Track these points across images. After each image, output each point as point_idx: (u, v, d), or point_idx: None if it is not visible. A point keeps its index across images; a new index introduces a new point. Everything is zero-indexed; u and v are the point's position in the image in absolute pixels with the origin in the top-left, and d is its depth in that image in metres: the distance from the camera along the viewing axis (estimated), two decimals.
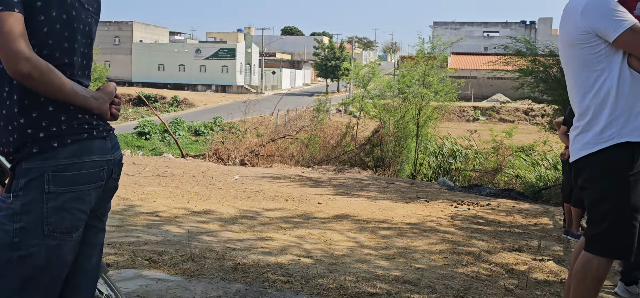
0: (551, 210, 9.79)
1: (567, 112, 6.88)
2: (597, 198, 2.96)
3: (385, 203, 9.22)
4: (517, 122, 47.55)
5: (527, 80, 14.56)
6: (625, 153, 2.88)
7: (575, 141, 3.04)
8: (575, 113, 3.08)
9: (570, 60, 2.98)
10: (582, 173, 3.02)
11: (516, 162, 17.98)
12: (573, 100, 3.05)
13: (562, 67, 3.14)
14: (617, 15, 2.78)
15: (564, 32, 3.00)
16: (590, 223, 3.01)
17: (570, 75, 3.02)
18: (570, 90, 3.05)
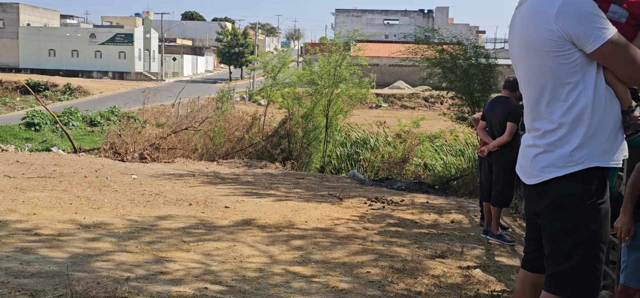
0: (464, 205, 9.63)
1: (507, 111, 6.57)
2: (562, 229, 2.50)
3: (297, 203, 8.66)
4: (418, 108, 48.70)
5: (435, 70, 14.47)
6: (596, 178, 2.45)
7: (536, 160, 2.55)
8: (534, 127, 2.59)
9: (536, 69, 2.49)
10: (543, 199, 2.54)
11: (423, 151, 18.01)
12: (535, 114, 2.57)
13: (518, 73, 2.65)
14: (599, 22, 2.32)
15: (528, 35, 2.49)
16: (553, 259, 2.56)
17: (535, 85, 2.52)
18: (534, 102, 2.56)
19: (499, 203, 6.85)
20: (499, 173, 6.73)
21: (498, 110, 6.66)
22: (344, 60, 16.84)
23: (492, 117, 6.73)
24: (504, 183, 6.74)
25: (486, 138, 6.85)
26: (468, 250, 6.14)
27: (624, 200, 3.64)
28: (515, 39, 2.54)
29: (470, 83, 13.98)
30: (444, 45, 14.77)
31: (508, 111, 6.59)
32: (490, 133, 6.79)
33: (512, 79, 6.73)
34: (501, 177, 6.73)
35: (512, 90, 6.71)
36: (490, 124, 6.78)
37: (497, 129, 6.68)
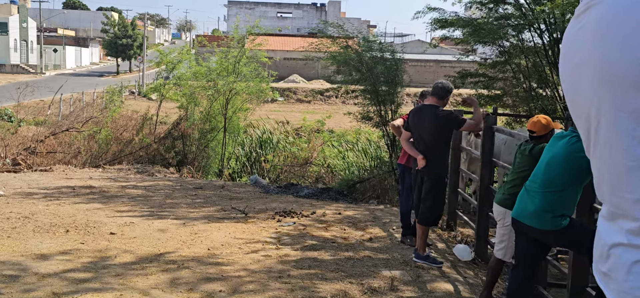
0: (377, 215, 8.96)
1: (440, 122, 5.88)
2: None
3: (197, 224, 7.58)
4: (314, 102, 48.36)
5: (340, 68, 13.76)
6: None
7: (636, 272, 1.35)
8: (626, 212, 1.29)
9: (630, 113, 1.24)
10: None
11: (327, 151, 17.32)
12: (627, 188, 1.34)
13: (581, 115, 1.41)
14: None
15: (612, 59, 1.32)
16: None
17: (625, 140, 1.32)
18: (625, 167, 1.32)
19: (427, 222, 6.18)
20: (429, 189, 6.05)
21: (427, 121, 5.96)
22: (243, 56, 15.74)
23: (420, 128, 6.02)
24: (433, 200, 6.08)
25: (412, 151, 6.12)
26: (401, 282, 5.39)
27: None
28: (582, 64, 1.36)
29: (376, 81, 13.39)
30: (347, 38, 14.11)
31: (441, 121, 5.92)
32: (417, 145, 6.07)
33: (440, 85, 6.06)
34: (431, 193, 6.05)
35: (441, 97, 6.04)
36: (418, 135, 6.06)
37: (426, 141, 5.97)
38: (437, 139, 5.99)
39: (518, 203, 4.17)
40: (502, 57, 14.09)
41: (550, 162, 3.92)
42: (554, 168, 3.87)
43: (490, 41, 14.07)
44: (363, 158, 17.01)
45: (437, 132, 5.97)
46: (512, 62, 13.94)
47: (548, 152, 4.00)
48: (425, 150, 5.93)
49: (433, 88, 6.09)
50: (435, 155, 5.97)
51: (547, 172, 3.92)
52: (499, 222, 5.14)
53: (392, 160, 13.24)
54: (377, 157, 16.07)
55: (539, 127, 4.92)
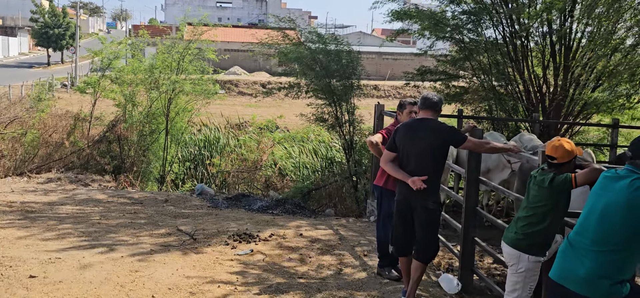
0: (343, 236, 8.00)
1: (444, 137, 4.96)
2: None
3: (137, 257, 6.42)
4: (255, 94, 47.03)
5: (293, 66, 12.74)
6: None
7: None
8: None
9: None
10: None
11: (277, 152, 16.24)
12: None
13: None
14: None
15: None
16: None
17: None
18: None
19: (428, 260, 5.30)
20: (429, 221, 5.12)
21: (427, 138, 5.00)
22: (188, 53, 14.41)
23: (415, 146, 5.04)
24: (434, 232, 5.19)
25: (398, 174, 5.14)
26: None
27: None
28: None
29: (331, 81, 12.43)
30: (292, 30, 13.09)
31: (446, 138, 5.01)
32: (406, 166, 5.09)
33: (436, 98, 5.14)
34: (432, 226, 5.15)
35: (437, 110, 5.12)
36: (411, 154, 5.07)
37: (424, 161, 5.00)
38: (439, 158, 5.07)
39: (561, 262, 3.25)
40: (461, 54, 13.40)
41: (606, 211, 3.01)
42: (613, 220, 2.98)
43: (450, 36, 13.36)
44: (314, 158, 16.06)
45: (440, 151, 5.05)
46: (473, 59, 13.26)
47: (601, 198, 3.10)
48: (420, 172, 4.97)
49: (425, 100, 5.15)
50: (435, 179, 5.04)
51: (601, 224, 3.02)
52: (511, 267, 4.27)
53: (349, 165, 12.33)
54: (329, 158, 15.14)
55: (562, 153, 4.06)
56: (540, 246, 4.17)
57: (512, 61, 13.12)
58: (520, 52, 13.07)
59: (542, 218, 4.10)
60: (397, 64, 55.46)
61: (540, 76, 13.08)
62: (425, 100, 5.16)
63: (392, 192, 6.00)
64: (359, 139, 12.59)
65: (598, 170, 3.97)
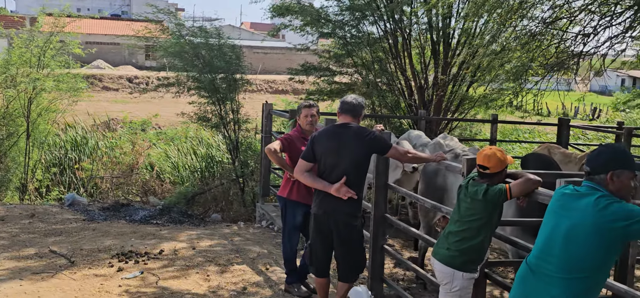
0: (238, 245, 7.48)
1: (368, 143, 4.56)
2: None
3: (3, 291, 5.48)
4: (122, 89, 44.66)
5: (175, 62, 11.91)
6: None
7: None
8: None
9: None
10: None
11: (154, 154, 15.21)
12: None
13: None
14: None
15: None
16: None
17: None
18: None
19: (355, 278, 4.93)
20: (354, 237, 4.74)
21: (350, 145, 4.58)
22: (50, 45, 13.00)
23: (335, 155, 4.62)
24: (360, 248, 4.83)
25: (319, 184, 4.69)
26: None
27: None
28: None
29: (214, 78, 11.78)
30: (158, 23, 12.28)
31: (372, 145, 4.63)
32: (328, 177, 4.66)
33: (356, 101, 4.75)
34: (358, 241, 4.78)
35: (357, 115, 4.75)
36: (332, 163, 4.64)
37: (345, 172, 4.59)
38: (363, 168, 4.69)
39: (520, 290, 2.97)
40: (343, 50, 13.28)
41: (572, 234, 2.76)
42: (580, 243, 2.73)
43: (332, 32, 13.19)
44: (194, 158, 15.26)
45: (365, 160, 4.68)
46: (355, 55, 13.19)
47: (563, 218, 2.84)
48: (348, 183, 4.56)
49: (344, 104, 4.76)
50: (359, 192, 4.66)
51: (568, 248, 2.77)
52: (445, 286, 4.00)
53: (235, 167, 11.75)
54: (209, 156, 14.43)
55: (495, 163, 3.84)
56: (474, 262, 3.94)
57: (393, 57, 13.21)
58: (402, 49, 13.19)
59: (476, 232, 3.87)
60: (268, 58, 55.22)
61: (420, 72, 13.29)
62: (344, 104, 4.78)
63: (298, 203, 5.59)
64: (244, 139, 12.06)
65: (534, 180, 3.80)
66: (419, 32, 13.13)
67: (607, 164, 2.81)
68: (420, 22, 13.06)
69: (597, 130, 16.90)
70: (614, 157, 2.82)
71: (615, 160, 2.81)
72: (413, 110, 13.11)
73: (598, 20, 8.39)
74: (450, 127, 13.60)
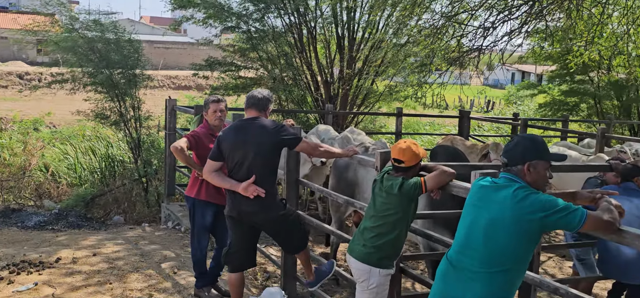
0: (142, 248, 7.13)
1: (279, 138, 4.39)
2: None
3: None
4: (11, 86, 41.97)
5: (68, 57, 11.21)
6: None
7: None
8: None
9: None
10: None
11: (49, 154, 14.28)
12: None
13: None
14: None
15: None
16: None
17: None
18: None
19: (303, 247, 4.84)
20: (289, 223, 4.63)
21: (259, 140, 4.40)
22: None
23: (244, 152, 4.42)
24: (295, 228, 4.75)
25: (227, 184, 4.48)
26: None
27: None
28: None
29: (112, 73, 11.20)
30: (52, 16, 11.56)
31: (280, 139, 4.47)
32: (237, 175, 4.46)
33: (261, 95, 4.58)
34: (292, 223, 4.69)
35: (263, 109, 4.58)
36: (240, 161, 4.44)
37: (255, 169, 4.41)
38: (274, 163, 4.52)
39: (442, 286, 2.91)
40: (248, 44, 13.05)
41: (492, 227, 2.74)
42: (500, 236, 2.71)
43: (236, 25, 12.92)
44: (92, 158, 14.47)
45: (275, 154, 4.51)
46: (260, 49, 12.99)
47: (482, 211, 2.81)
48: (256, 179, 4.39)
49: (251, 99, 4.57)
50: (271, 187, 4.50)
51: (488, 242, 2.74)
52: (361, 284, 3.93)
53: (138, 166, 11.24)
54: (109, 156, 13.74)
55: (410, 156, 3.81)
56: (390, 258, 3.89)
57: (299, 52, 13.14)
58: (308, 42, 13.14)
59: (392, 227, 3.82)
60: (169, 53, 53.69)
61: (326, 66, 13.30)
62: (250, 99, 4.60)
63: (207, 203, 5.37)
64: (147, 136, 11.56)
65: (448, 173, 3.80)
66: (323, 26, 13.13)
67: (524, 155, 2.82)
68: (324, 16, 13.06)
69: (495, 122, 17.67)
70: (531, 148, 2.83)
71: (532, 150, 2.82)
72: (320, 105, 13.10)
73: (497, 15, 8.68)
74: (356, 120, 13.71)
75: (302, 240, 4.77)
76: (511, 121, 13.73)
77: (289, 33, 13.05)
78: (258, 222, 4.54)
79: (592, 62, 12.88)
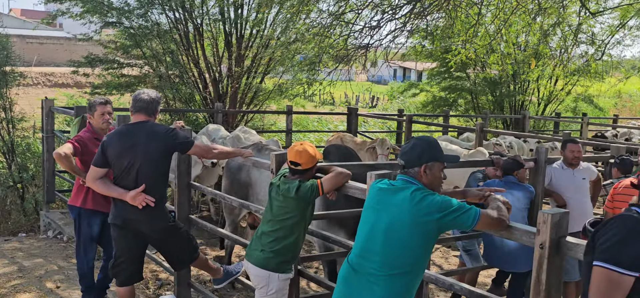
0: (20, 262, 6.64)
1: (173, 143, 4.27)
2: None
3: None
4: None
5: None
6: None
7: None
8: None
9: None
10: None
11: None
12: None
13: None
14: None
15: None
16: None
17: None
18: None
19: (195, 256, 4.69)
20: (174, 234, 4.45)
21: (148, 146, 4.18)
22: None
23: (131, 158, 4.20)
24: (183, 238, 4.58)
25: (114, 192, 4.25)
26: None
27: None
28: None
29: None
30: None
31: (171, 144, 4.28)
32: (123, 182, 4.24)
33: (148, 97, 4.37)
34: (177, 234, 4.51)
35: (152, 113, 4.37)
36: (126, 169, 4.23)
37: (143, 176, 4.21)
38: (164, 170, 4.33)
39: (343, 290, 2.89)
40: (131, 40, 12.54)
41: (391, 229, 2.77)
42: (400, 239, 2.74)
43: (117, 21, 12.38)
44: None
45: (165, 161, 4.31)
46: (144, 46, 12.54)
47: (382, 213, 2.83)
48: (143, 188, 4.19)
49: (138, 102, 4.34)
50: (160, 195, 4.31)
51: (389, 244, 2.77)
52: (261, 290, 3.87)
53: (12, 172, 10.45)
54: None
55: (307, 158, 3.80)
56: (289, 262, 3.87)
57: (185, 49, 12.81)
58: (195, 39, 12.84)
59: (290, 231, 3.80)
60: (44, 48, 50.48)
61: (214, 64, 13.07)
62: (135, 101, 4.36)
63: (94, 211, 5.07)
64: (22, 139, 10.78)
65: (345, 174, 3.83)
66: (210, 23, 12.88)
67: (421, 157, 2.88)
68: (211, 13, 12.82)
69: (381, 118, 18.19)
70: (427, 150, 2.90)
71: (428, 152, 2.89)
72: (208, 103, 12.86)
73: (382, 15, 8.91)
74: (246, 119, 13.60)
75: (190, 253, 4.62)
76: (397, 117, 14.20)
77: (174, 29, 12.68)
78: (144, 231, 4.34)
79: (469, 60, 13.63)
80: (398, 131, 13.83)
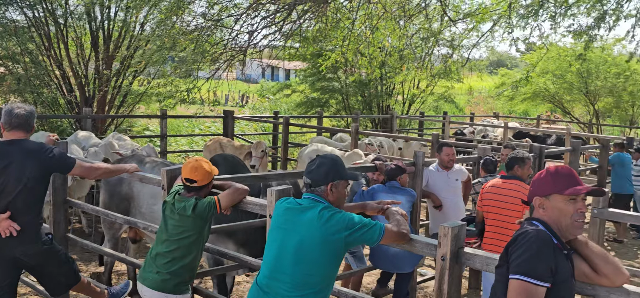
0: None
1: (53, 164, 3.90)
2: None
3: None
4: None
5: None
6: None
7: None
8: None
9: None
10: None
11: None
12: None
13: None
14: None
15: None
16: None
17: None
18: None
19: (75, 281, 4.39)
20: (51, 257, 4.11)
21: (18, 166, 3.85)
22: None
23: (5, 179, 3.85)
24: (63, 262, 4.22)
25: None
26: None
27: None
28: None
29: None
30: None
31: (50, 164, 3.98)
32: None
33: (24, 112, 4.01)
34: (55, 257, 4.16)
35: (28, 129, 4.04)
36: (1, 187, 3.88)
37: (17, 198, 3.87)
38: (39, 191, 3.99)
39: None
40: None
41: (301, 249, 2.77)
42: (310, 258, 2.75)
43: None
44: None
45: (42, 181, 3.98)
46: None
47: (290, 233, 2.81)
48: (15, 210, 3.86)
49: (10, 117, 3.95)
50: (34, 218, 3.98)
51: (298, 264, 2.77)
52: None
53: None
54: None
55: (202, 175, 3.73)
56: (187, 282, 3.78)
57: (47, 49, 12.00)
58: (57, 40, 12.06)
59: (187, 250, 3.71)
60: None
61: (79, 66, 12.36)
62: (10, 117, 4.00)
63: None
64: None
65: (242, 190, 3.81)
66: (73, 22, 12.13)
67: (327, 175, 2.93)
68: (75, 11, 12.10)
69: (257, 121, 18.16)
70: (333, 168, 2.95)
71: (333, 171, 2.95)
72: (75, 108, 12.13)
73: (259, 20, 8.95)
74: (117, 124, 13.01)
75: (71, 277, 4.30)
76: (273, 120, 14.28)
77: (33, 28, 11.83)
78: (17, 256, 3.99)
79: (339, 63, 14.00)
80: (274, 133, 13.92)
